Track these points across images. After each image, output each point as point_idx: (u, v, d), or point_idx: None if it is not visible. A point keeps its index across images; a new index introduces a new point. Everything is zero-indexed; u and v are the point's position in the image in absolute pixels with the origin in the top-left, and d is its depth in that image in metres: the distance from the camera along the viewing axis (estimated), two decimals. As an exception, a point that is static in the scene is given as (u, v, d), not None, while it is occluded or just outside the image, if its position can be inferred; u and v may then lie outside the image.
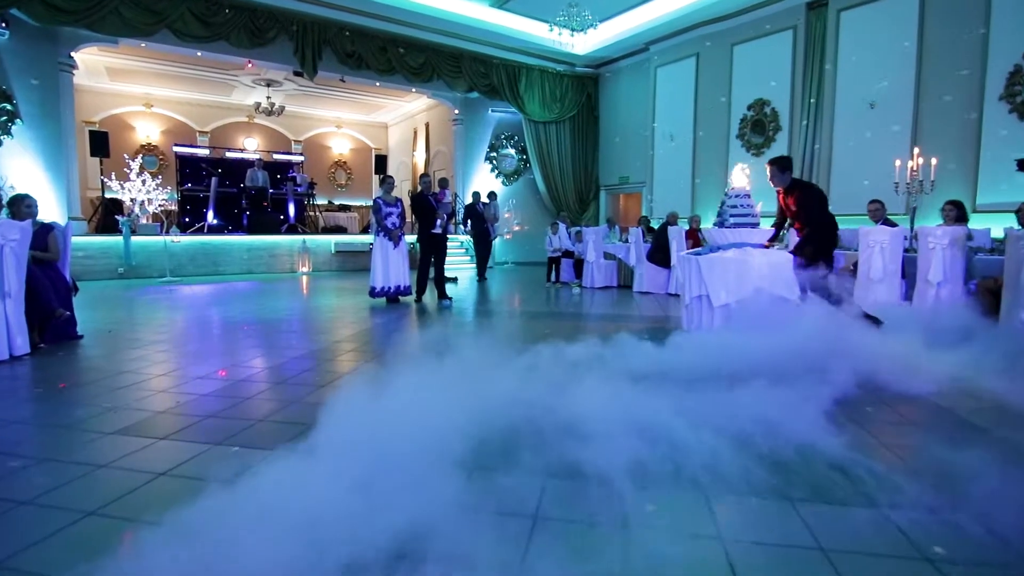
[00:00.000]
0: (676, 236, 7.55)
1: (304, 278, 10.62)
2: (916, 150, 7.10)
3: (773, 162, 4.58)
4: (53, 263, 4.69)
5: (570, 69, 13.83)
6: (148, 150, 15.57)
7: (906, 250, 5.52)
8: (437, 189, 7.82)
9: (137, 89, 14.92)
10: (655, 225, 11.54)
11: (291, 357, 4.20)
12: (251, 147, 16.73)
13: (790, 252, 4.56)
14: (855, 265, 5.75)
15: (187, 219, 12.91)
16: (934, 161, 6.80)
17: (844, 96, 9.15)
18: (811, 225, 4.37)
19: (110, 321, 5.77)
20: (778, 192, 4.66)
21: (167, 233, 9.24)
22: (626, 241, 9.04)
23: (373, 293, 6.92)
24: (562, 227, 9.92)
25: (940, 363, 3.45)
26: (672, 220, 8.09)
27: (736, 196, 5.14)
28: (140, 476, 2.12)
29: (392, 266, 6.82)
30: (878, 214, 6.18)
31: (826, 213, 4.50)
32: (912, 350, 3.58)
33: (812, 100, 9.64)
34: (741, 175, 5.30)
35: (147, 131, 15.65)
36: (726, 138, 11.00)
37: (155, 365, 3.91)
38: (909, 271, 5.48)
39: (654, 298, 7.66)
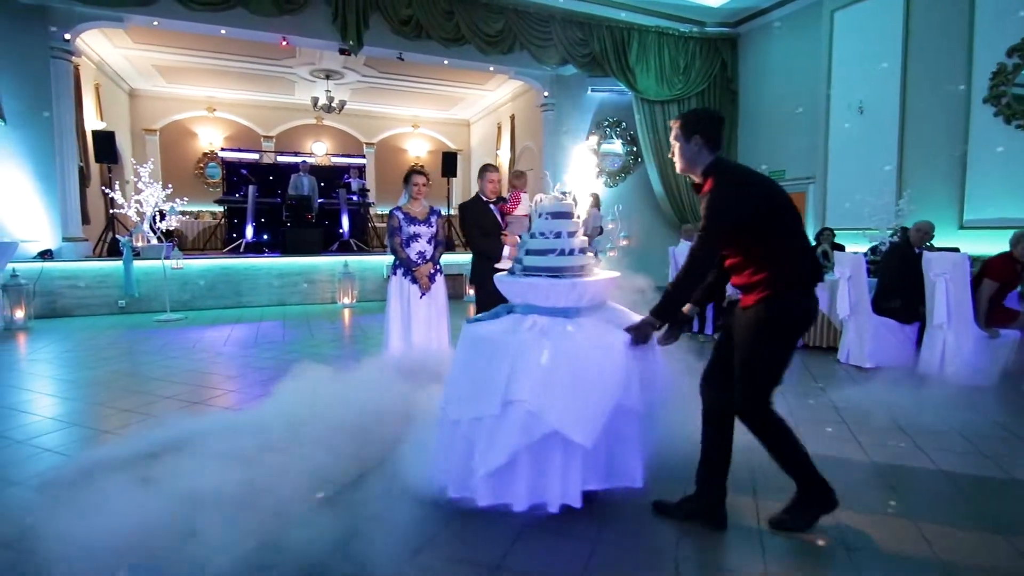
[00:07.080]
0: (949, 270, 3.90)
1: (346, 312, 8.13)
2: None
3: (682, 119, 2.14)
4: None
5: (698, 30, 10.34)
6: (211, 158, 14.23)
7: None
8: (506, 192, 4.70)
9: (197, 92, 13.55)
10: (841, 241, 7.81)
11: None
12: (320, 151, 14.96)
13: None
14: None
15: (233, 235, 11.12)
16: None
17: None
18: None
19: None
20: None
21: (167, 256, 7.10)
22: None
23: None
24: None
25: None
26: (924, 236, 4.41)
27: (547, 215, 2.42)
28: None
29: (416, 328, 3.83)
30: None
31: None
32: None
33: None
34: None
35: (210, 137, 14.29)
36: (964, 104, 7.03)
37: None
38: None
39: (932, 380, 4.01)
